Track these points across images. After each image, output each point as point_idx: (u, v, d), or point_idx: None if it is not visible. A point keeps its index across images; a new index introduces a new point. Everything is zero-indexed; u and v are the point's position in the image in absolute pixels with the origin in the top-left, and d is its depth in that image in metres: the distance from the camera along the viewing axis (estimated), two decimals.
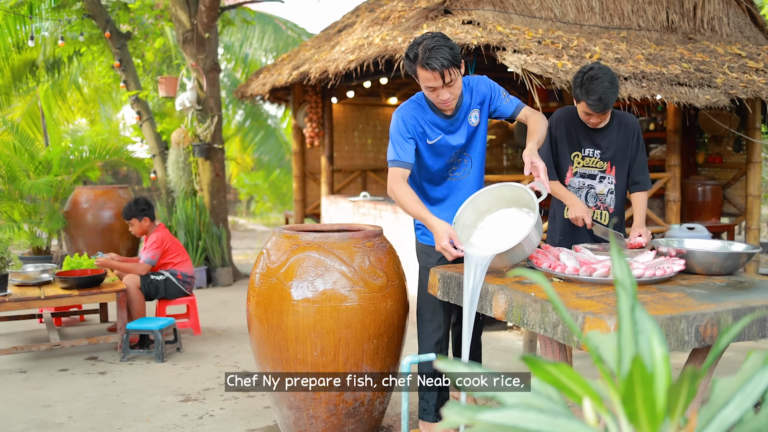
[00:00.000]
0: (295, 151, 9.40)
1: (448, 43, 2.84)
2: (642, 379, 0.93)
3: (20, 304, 4.66)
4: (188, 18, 7.86)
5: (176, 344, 5.10)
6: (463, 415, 0.97)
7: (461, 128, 3.11)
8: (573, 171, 3.59)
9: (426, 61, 2.81)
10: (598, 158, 3.54)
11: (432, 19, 5.68)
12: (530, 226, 2.61)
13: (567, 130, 3.57)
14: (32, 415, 3.81)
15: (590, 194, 3.58)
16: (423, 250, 3.36)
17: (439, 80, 2.85)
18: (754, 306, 2.25)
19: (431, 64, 2.80)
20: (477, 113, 3.12)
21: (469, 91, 3.11)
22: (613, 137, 3.52)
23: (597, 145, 3.53)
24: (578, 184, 3.59)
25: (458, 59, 2.86)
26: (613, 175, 3.56)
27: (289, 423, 3.28)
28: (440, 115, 3.07)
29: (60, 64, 10.63)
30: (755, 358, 1.14)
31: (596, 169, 3.56)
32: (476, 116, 3.12)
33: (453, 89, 2.92)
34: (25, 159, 7.53)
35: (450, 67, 2.82)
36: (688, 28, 6.71)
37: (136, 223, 5.45)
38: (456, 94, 2.96)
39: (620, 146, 3.52)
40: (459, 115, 3.09)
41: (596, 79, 3.25)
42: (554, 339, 2.26)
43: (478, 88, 3.12)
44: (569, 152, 3.58)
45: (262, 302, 3.17)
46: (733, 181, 7.19)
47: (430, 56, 2.80)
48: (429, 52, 2.80)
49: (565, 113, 3.60)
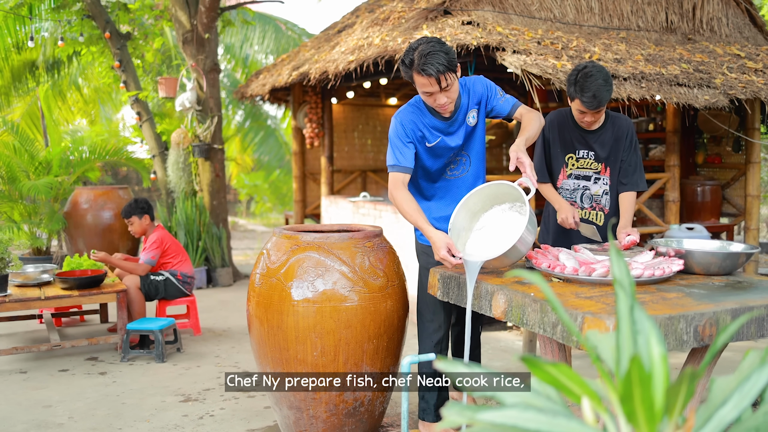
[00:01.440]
0: (295, 152, 9.41)
1: (444, 48, 2.85)
2: (640, 378, 0.94)
3: (20, 304, 4.66)
4: (188, 18, 7.86)
5: (176, 344, 5.10)
6: (462, 415, 0.98)
7: (459, 129, 3.13)
8: (567, 173, 3.60)
9: (422, 67, 2.82)
10: (592, 159, 3.55)
11: (432, 20, 5.68)
12: (523, 227, 2.62)
13: (560, 133, 3.58)
14: (33, 416, 3.82)
15: (585, 195, 3.59)
16: (423, 251, 3.37)
17: (435, 86, 2.86)
18: (752, 306, 2.26)
19: (427, 70, 2.82)
20: (475, 113, 3.13)
21: (467, 92, 3.12)
22: (607, 138, 3.53)
23: (591, 147, 3.54)
24: (573, 185, 3.60)
25: (454, 64, 2.87)
26: (607, 176, 3.57)
27: (289, 423, 3.28)
28: (438, 117, 3.08)
29: (60, 65, 10.64)
30: (753, 357, 1.14)
31: (590, 171, 3.57)
32: (474, 116, 3.13)
33: (450, 93, 2.93)
34: (25, 159, 7.53)
35: (446, 72, 2.83)
36: (687, 28, 6.72)
37: (136, 221, 5.44)
38: (453, 98, 2.97)
39: (614, 147, 3.53)
40: (457, 116, 3.09)
41: (590, 77, 3.26)
42: (554, 339, 2.27)
43: (474, 89, 3.13)
44: (562, 154, 3.59)
45: (262, 302, 3.18)
46: (732, 181, 7.19)
47: (426, 62, 2.81)
48: (424, 57, 2.81)
49: (559, 116, 3.61)
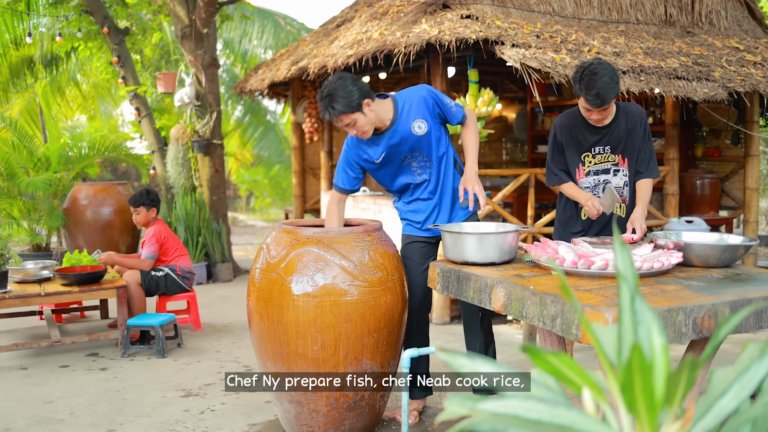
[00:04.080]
0: (295, 147, 9.40)
1: (344, 91, 3.12)
2: (641, 368, 0.94)
3: (20, 301, 4.67)
4: (186, 13, 7.85)
5: (177, 340, 5.11)
6: (463, 405, 0.99)
7: (391, 140, 3.36)
8: (585, 171, 3.58)
9: (323, 109, 3.17)
10: (609, 153, 3.53)
11: (430, 14, 5.67)
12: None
13: (571, 134, 3.56)
14: (33, 412, 3.83)
15: (607, 188, 3.58)
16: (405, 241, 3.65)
17: (341, 123, 3.18)
18: (751, 298, 2.26)
19: (324, 114, 3.18)
20: (421, 123, 3.34)
21: (400, 109, 3.37)
22: (621, 130, 3.50)
23: (606, 142, 3.52)
24: (593, 182, 3.58)
25: (353, 106, 3.14)
26: (626, 167, 3.55)
27: (290, 417, 3.29)
28: (371, 139, 3.38)
29: (58, 61, 10.62)
30: (752, 349, 1.15)
31: (609, 164, 3.55)
32: (420, 126, 3.34)
33: (356, 127, 3.22)
34: (24, 156, 7.53)
35: (341, 115, 3.14)
36: (686, 21, 6.71)
37: (143, 211, 5.44)
38: (363, 130, 3.24)
39: (629, 138, 3.51)
40: (389, 131, 3.34)
41: (596, 75, 3.25)
42: (553, 332, 2.27)
43: (412, 105, 3.37)
44: (577, 154, 3.57)
45: (262, 297, 3.18)
46: (731, 174, 7.20)
47: (324, 106, 3.15)
48: (325, 100, 3.14)
49: (568, 118, 3.59)
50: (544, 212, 6.91)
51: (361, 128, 3.22)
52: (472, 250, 2.86)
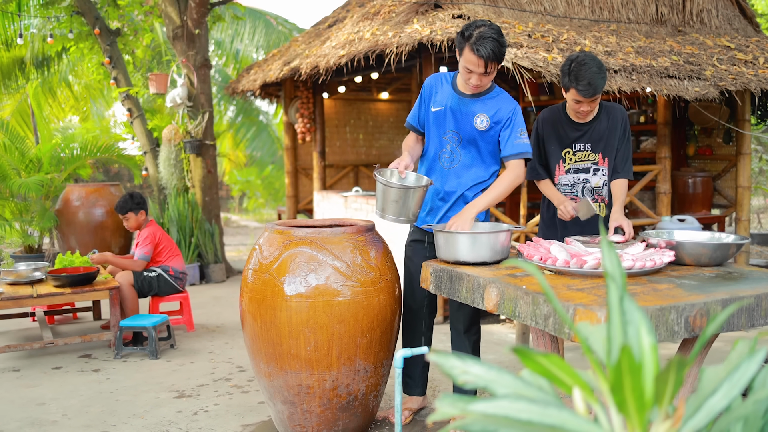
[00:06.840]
0: (287, 147, 9.38)
1: (501, 39, 3.07)
2: (630, 368, 0.94)
3: (13, 302, 4.65)
4: (178, 14, 7.83)
5: (170, 341, 5.10)
6: (455, 406, 0.99)
7: (463, 118, 3.29)
8: (565, 168, 3.60)
9: (476, 46, 3.04)
10: (589, 151, 3.56)
11: (422, 14, 5.68)
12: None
13: (554, 129, 3.59)
14: (26, 414, 3.81)
15: (586, 188, 3.60)
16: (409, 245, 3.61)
17: (482, 67, 3.08)
18: (742, 296, 2.27)
19: (479, 51, 3.04)
20: (486, 122, 3.28)
21: (497, 103, 3.29)
22: (602, 128, 3.53)
23: (587, 139, 3.55)
24: (572, 180, 3.60)
25: (502, 57, 3.10)
26: (605, 166, 3.58)
27: (283, 418, 3.29)
28: (458, 92, 3.29)
29: (49, 62, 10.58)
30: (742, 347, 1.15)
31: (589, 162, 3.57)
32: (483, 121, 3.28)
33: (487, 79, 3.17)
34: (16, 157, 7.50)
35: (496, 63, 3.08)
36: (677, 20, 6.74)
37: (132, 217, 5.42)
38: (485, 86, 3.23)
39: (610, 137, 3.54)
40: (471, 105, 3.28)
41: (584, 65, 3.27)
42: (546, 331, 2.28)
43: (505, 108, 3.29)
44: (559, 150, 3.60)
45: (255, 298, 3.18)
46: (723, 172, 7.23)
47: (482, 44, 3.03)
48: (482, 39, 3.03)
49: (552, 113, 3.62)
50: (536, 212, 6.91)
51: (487, 82, 3.22)
52: (465, 250, 2.86)
